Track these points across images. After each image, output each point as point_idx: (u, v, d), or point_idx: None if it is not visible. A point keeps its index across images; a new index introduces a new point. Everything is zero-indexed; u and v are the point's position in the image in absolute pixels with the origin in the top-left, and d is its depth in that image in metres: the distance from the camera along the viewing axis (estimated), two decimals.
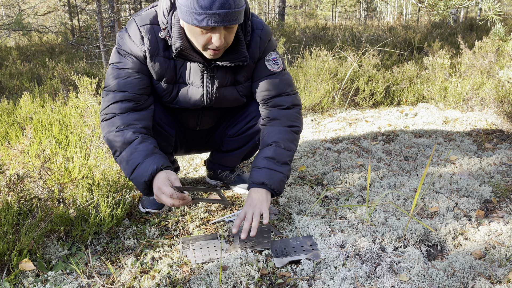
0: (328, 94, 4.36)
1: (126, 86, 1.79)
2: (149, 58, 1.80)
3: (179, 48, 1.72)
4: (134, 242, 1.81)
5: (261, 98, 1.97)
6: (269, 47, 1.95)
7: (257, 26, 1.90)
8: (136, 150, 1.71)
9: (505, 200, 2.10)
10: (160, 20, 1.77)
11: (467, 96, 3.95)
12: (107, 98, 1.81)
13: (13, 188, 1.78)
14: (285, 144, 1.89)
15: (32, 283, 1.52)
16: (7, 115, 3.12)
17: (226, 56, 1.81)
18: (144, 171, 1.66)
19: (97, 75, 5.45)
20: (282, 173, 1.85)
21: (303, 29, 11.67)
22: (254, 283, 1.49)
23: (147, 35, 1.77)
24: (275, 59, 1.96)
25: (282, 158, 1.87)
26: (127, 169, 1.71)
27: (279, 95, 1.95)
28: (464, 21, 12.00)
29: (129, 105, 1.80)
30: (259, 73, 1.94)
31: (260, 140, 1.98)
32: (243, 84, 1.96)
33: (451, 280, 1.48)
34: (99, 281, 1.54)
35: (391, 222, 1.87)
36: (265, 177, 1.82)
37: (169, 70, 1.84)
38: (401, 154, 2.84)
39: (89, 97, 3.05)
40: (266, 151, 1.88)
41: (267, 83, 1.94)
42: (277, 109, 1.95)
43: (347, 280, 1.48)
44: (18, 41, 11.10)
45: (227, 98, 1.96)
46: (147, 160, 1.68)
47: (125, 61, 1.80)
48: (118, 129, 1.76)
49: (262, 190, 1.81)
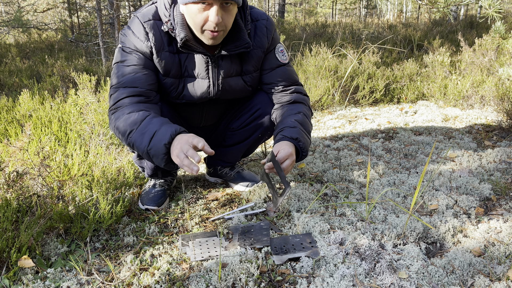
0: (328, 92, 4.35)
1: (135, 82, 1.79)
2: (155, 54, 1.81)
3: (184, 38, 1.74)
4: (134, 239, 1.81)
5: (275, 87, 2.04)
6: (276, 37, 2.01)
7: (262, 16, 1.94)
8: (150, 122, 1.68)
9: (504, 198, 2.10)
10: (162, 13, 1.78)
11: (467, 94, 3.94)
12: (116, 94, 1.80)
13: (12, 185, 1.78)
14: (309, 118, 2.01)
15: (31, 280, 1.52)
16: (6, 112, 3.11)
17: (229, 44, 1.83)
18: (163, 135, 1.61)
19: (97, 72, 5.44)
20: (309, 139, 1.93)
21: (303, 26, 11.65)
22: (254, 280, 1.49)
23: (151, 30, 1.78)
24: (283, 51, 2.04)
25: (307, 126, 1.95)
26: (144, 140, 1.66)
27: (293, 84, 2.06)
28: (464, 18, 11.99)
29: (140, 99, 1.79)
30: (271, 64, 2.01)
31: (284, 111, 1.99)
32: (252, 74, 2.00)
33: (451, 278, 1.48)
34: (99, 278, 1.54)
35: (390, 220, 1.87)
36: (298, 134, 1.84)
37: (174, 64, 1.85)
38: (400, 152, 2.84)
39: (88, 94, 3.04)
40: (295, 116, 1.93)
41: (281, 74, 2.02)
42: (297, 94, 2.05)
43: (347, 278, 1.48)
44: (18, 38, 11.07)
45: (233, 88, 1.98)
46: (164, 127, 1.64)
47: (132, 58, 1.80)
48: (129, 112, 1.73)
49: (292, 145, 1.82)
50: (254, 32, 1.92)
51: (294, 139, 1.83)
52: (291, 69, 2.07)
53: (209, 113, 2.13)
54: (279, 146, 1.80)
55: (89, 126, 2.80)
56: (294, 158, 1.80)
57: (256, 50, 1.95)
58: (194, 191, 2.31)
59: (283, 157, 1.76)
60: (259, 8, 1.99)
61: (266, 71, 2.02)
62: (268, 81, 2.04)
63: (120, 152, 2.62)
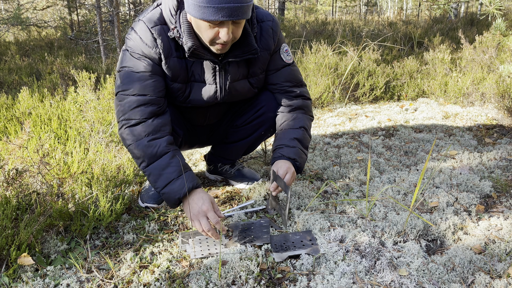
0: (328, 89, 4.34)
1: (146, 89, 1.77)
2: (164, 60, 1.78)
3: (191, 47, 1.71)
4: (133, 237, 1.81)
5: (280, 89, 2.05)
6: (281, 38, 2.00)
7: (267, 17, 1.91)
8: (169, 165, 1.75)
9: (505, 195, 2.10)
10: (168, 19, 1.75)
11: (468, 91, 3.94)
12: (126, 102, 1.78)
13: (12, 183, 1.77)
14: (308, 132, 2.07)
15: (31, 277, 1.51)
16: (6, 110, 3.11)
17: (236, 50, 1.81)
18: (179, 189, 1.72)
19: (96, 69, 5.43)
20: (306, 155, 2.03)
21: (303, 24, 11.63)
22: (254, 277, 1.49)
23: (159, 36, 1.74)
24: (288, 51, 2.04)
25: (306, 142, 2.04)
26: (159, 183, 1.75)
27: (297, 85, 2.07)
28: (465, 16, 11.96)
29: (152, 109, 1.79)
30: (276, 65, 2.00)
31: (285, 122, 2.06)
32: (258, 76, 2.00)
33: (451, 275, 1.48)
34: (98, 275, 1.54)
35: (391, 217, 1.87)
36: (296, 155, 1.95)
37: (182, 69, 1.84)
38: (401, 149, 2.83)
39: (88, 92, 3.03)
40: (295, 133, 2.00)
41: (285, 74, 2.02)
42: (301, 100, 2.07)
43: (347, 275, 1.48)
44: (17, 35, 11.05)
45: (240, 92, 1.98)
46: (181, 180, 1.73)
47: (140, 64, 1.77)
48: (148, 138, 1.76)
49: (290, 164, 1.92)
50: (260, 34, 1.89)
51: (292, 159, 1.94)
52: (296, 68, 2.07)
53: (213, 113, 2.13)
54: (277, 165, 1.91)
55: (89, 123, 2.79)
56: (293, 170, 1.90)
57: (263, 52, 1.92)
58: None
59: (283, 172, 1.87)
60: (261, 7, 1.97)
61: (271, 71, 2.01)
62: (274, 81, 2.03)
63: (120, 149, 2.61)
